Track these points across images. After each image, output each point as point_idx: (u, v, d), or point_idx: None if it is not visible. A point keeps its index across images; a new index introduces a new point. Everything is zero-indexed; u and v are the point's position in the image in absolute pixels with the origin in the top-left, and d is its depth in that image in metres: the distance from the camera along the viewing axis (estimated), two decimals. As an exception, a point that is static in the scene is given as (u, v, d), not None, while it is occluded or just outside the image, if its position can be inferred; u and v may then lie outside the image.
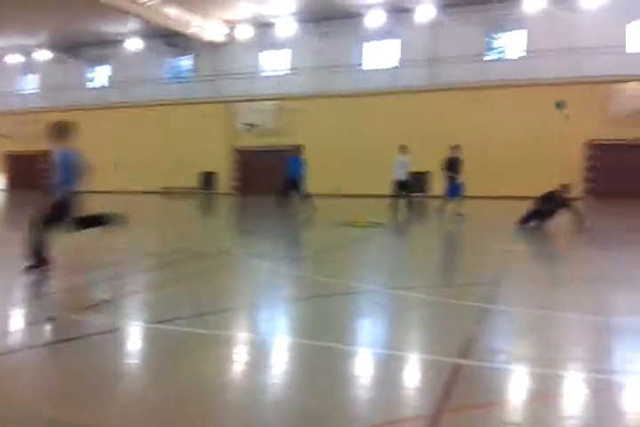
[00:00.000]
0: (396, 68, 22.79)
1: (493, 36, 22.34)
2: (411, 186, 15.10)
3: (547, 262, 7.96)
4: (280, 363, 3.57)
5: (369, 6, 21.66)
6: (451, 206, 13.41)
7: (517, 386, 3.21)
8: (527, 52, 21.11)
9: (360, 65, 23.41)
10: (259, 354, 3.74)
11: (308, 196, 14.87)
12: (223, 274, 6.65)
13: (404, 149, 15.06)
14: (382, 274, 6.74)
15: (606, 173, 19.84)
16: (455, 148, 13.49)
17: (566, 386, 3.19)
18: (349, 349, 3.77)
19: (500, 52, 22.57)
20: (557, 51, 19.73)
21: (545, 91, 19.95)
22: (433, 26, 21.76)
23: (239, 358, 3.69)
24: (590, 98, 19.44)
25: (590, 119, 19.57)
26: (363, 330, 4.38)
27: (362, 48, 23.50)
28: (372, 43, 23.43)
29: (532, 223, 10.39)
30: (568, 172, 19.61)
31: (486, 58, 22.16)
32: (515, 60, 21.55)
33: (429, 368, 3.45)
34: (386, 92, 22.17)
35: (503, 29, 21.99)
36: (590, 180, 20.30)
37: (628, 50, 20.00)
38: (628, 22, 20.01)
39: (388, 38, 22.95)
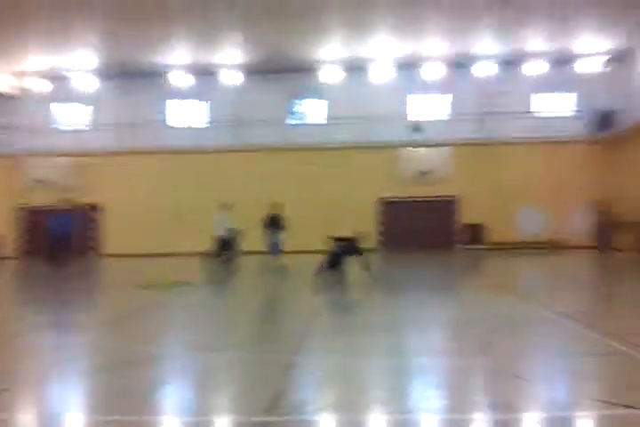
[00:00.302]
0: (203, 128, 23.11)
1: (295, 102, 23.94)
2: (231, 243, 15.04)
3: (350, 311, 8.35)
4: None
5: (172, 66, 21.91)
6: (273, 262, 13.53)
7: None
8: (327, 118, 22.99)
9: (164, 122, 23.30)
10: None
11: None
12: (5, 347, 5.79)
13: (224, 206, 15.00)
14: (184, 336, 6.44)
15: (395, 227, 22.03)
16: (275, 205, 13.81)
17: (368, 429, 3.30)
18: (150, 420, 3.47)
19: (301, 118, 24.18)
20: (353, 118, 21.81)
21: (343, 154, 21.78)
22: (238, 90, 22.68)
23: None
24: (381, 160, 21.67)
25: (381, 179, 21.71)
26: (163, 398, 4.08)
27: (164, 106, 23.48)
28: (177, 101, 23.56)
29: (330, 270, 10.72)
30: (364, 226, 21.33)
31: (289, 122, 23.57)
32: (315, 125, 23.26)
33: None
34: (191, 151, 22.22)
35: (304, 97, 23.72)
36: (382, 233, 22.26)
37: (409, 118, 22.88)
38: (409, 94, 23.02)
39: (196, 98, 23.30)
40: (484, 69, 22.19)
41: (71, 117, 23.58)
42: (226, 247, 14.80)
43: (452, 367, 4.60)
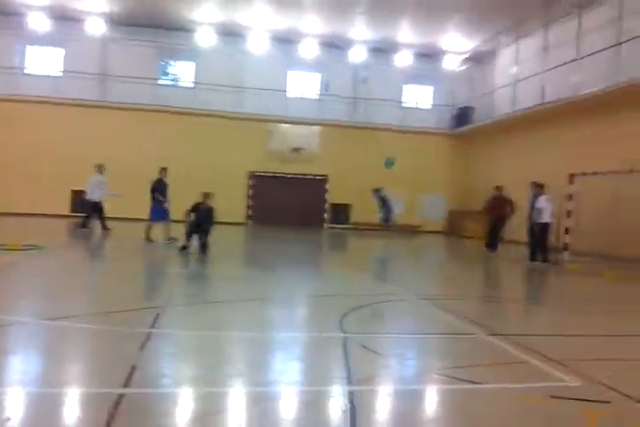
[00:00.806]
0: (59, 77, 21.16)
1: (167, 61, 22.78)
2: (101, 208, 14.13)
3: (210, 285, 8.30)
4: None
5: (29, 7, 19.68)
6: (158, 230, 12.48)
7: (183, 408, 3.20)
8: (195, 82, 22.12)
9: (22, 68, 20.99)
10: None
11: None
12: None
13: (100, 167, 14.03)
14: (35, 303, 6.00)
15: (264, 203, 22.09)
16: (162, 171, 12.85)
17: (229, 401, 3.33)
18: (-9, 392, 3.20)
19: (174, 80, 23.12)
20: (226, 86, 21.26)
21: (214, 122, 21.21)
22: (103, 41, 21.02)
23: None
24: (253, 133, 21.45)
25: (252, 152, 21.54)
26: (12, 368, 3.78)
27: (24, 50, 21.14)
28: (35, 47, 21.32)
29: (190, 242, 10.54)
30: (237, 198, 21.16)
31: (160, 82, 22.41)
32: (187, 88, 22.35)
33: (89, 403, 3.17)
34: (47, 101, 20.33)
35: (176, 58, 22.63)
36: (251, 207, 22.23)
37: (289, 94, 22.82)
38: (286, 69, 22.89)
39: (53, 45, 21.21)
40: (359, 54, 22.70)
41: None
42: (98, 212, 14.05)
43: (312, 342, 4.78)
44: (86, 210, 14.17)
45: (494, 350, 4.60)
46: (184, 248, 10.54)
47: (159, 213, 12.30)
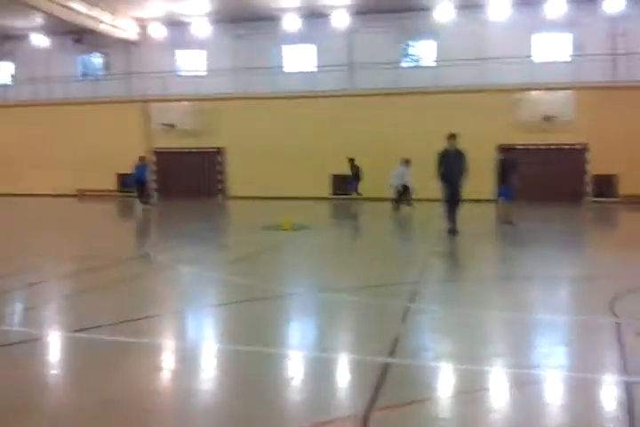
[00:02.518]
0: (313, 72, 22.97)
1: (409, 43, 23.05)
2: (404, 193, 15.94)
3: (467, 262, 8.27)
4: (208, 369, 3.49)
5: (284, 10, 21.69)
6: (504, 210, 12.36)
7: (444, 383, 3.31)
8: (438, 60, 21.92)
9: (280, 67, 23.39)
10: (185, 361, 3.64)
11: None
12: (146, 280, 6.42)
13: (406, 162, 15.77)
14: (308, 276, 6.76)
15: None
16: (506, 151, 13.51)
17: (490, 381, 3.33)
18: (277, 352, 3.74)
19: (416, 60, 23.32)
20: (468, 60, 20.68)
21: (458, 97, 20.85)
22: (349, 32, 22.16)
23: (165, 365, 3.57)
24: (500, 104, 20.50)
25: (499, 125, 20.62)
26: (290, 333, 4.37)
27: (281, 51, 23.48)
28: (290, 46, 23.52)
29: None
30: (485, 173, 20.49)
31: (402, 65, 22.83)
32: (429, 67, 22.34)
33: (358, 369, 3.49)
34: (305, 96, 22.30)
35: (417, 38, 22.73)
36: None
37: (535, 59, 21.24)
38: (533, 33, 21.26)
39: (305, 43, 23.11)
40: (614, 5, 19.69)
41: (191, 63, 24.37)
42: (401, 197, 15.83)
43: (579, 325, 4.47)
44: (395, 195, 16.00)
45: None
46: (453, 232, 10.06)
47: (508, 192, 12.20)
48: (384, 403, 2.88)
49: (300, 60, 23.41)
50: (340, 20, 21.82)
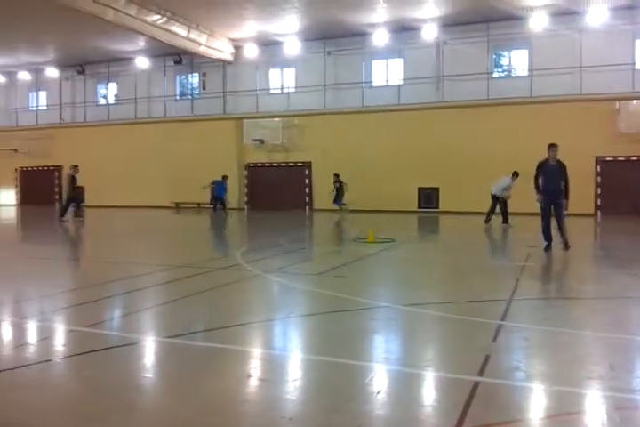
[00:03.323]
0: (400, 85, 22.92)
1: (500, 53, 22.51)
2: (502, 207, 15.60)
3: (560, 279, 7.92)
4: (296, 379, 3.56)
5: (373, 25, 21.86)
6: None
7: (536, 404, 3.19)
8: (530, 70, 21.19)
9: (369, 82, 23.54)
10: (275, 369, 3.74)
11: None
12: (237, 289, 6.66)
13: (515, 174, 15.51)
14: (394, 290, 6.74)
15: (613, 189, 19.86)
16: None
17: (585, 404, 3.17)
18: (365, 365, 3.76)
19: (507, 70, 22.71)
20: (562, 69, 19.87)
21: (551, 107, 20.04)
22: (437, 44, 21.96)
23: (253, 372, 3.69)
24: (593, 115, 19.52)
25: (596, 136, 19.60)
26: (378, 346, 4.37)
27: (370, 66, 23.64)
28: (378, 61, 23.64)
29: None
30: (583, 186, 19.49)
31: (494, 75, 22.29)
32: (521, 77, 21.66)
33: (445, 386, 3.44)
34: (392, 109, 22.31)
35: (509, 47, 22.14)
36: (600, 195, 20.26)
37: (638, 67, 19.98)
38: (637, 39, 20.05)
39: (393, 57, 23.16)
40: None
41: (281, 80, 25.11)
42: (501, 206, 15.54)
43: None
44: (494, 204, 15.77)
45: None
46: (549, 248, 9.67)
47: None
48: (472, 423, 2.82)
49: (387, 73, 23.48)
50: (429, 32, 21.69)
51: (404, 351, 4.24)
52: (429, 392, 3.42)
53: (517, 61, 22.30)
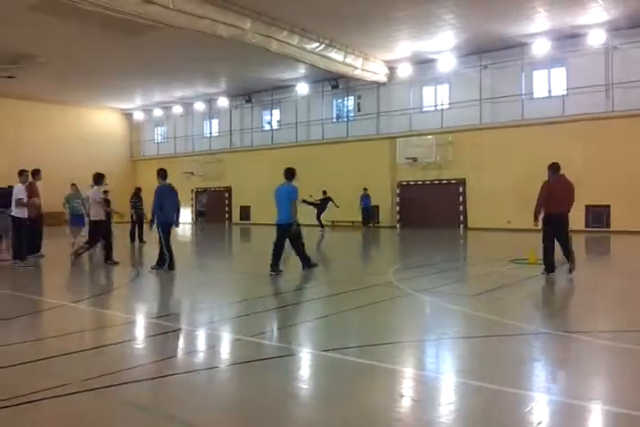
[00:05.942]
0: (562, 95, 21.46)
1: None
2: None
3: None
4: (447, 402, 3.51)
5: (533, 35, 20.82)
6: None
7: None
8: None
9: (530, 94, 22.40)
10: (428, 391, 3.72)
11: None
12: (389, 307, 6.71)
13: None
14: (553, 315, 6.31)
15: None
16: None
17: None
18: (524, 393, 3.59)
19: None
20: None
21: None
22: (605, 50, 20.27)
23: (406, 392, 3.70)
24: None
25: None
26: (538, 374, 4.14)
27: (531, 77, 22.50)
28: (539, 71, 22.43)
29: None
30: None
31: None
32: None
33: (612, 421, 3.15)
34: (555, 121, 20.98)
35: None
36: None
37: None
38: None
39: (555, 66, 21.82)
40: None
41: (435, 97, 24.93)
42: None
43: None
44: None
45: None
46: None
47: None
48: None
49: (549, 84, 22.21)
50: (596, 38, 20.17)
51: (568, 381, 3.97)
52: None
53: None
